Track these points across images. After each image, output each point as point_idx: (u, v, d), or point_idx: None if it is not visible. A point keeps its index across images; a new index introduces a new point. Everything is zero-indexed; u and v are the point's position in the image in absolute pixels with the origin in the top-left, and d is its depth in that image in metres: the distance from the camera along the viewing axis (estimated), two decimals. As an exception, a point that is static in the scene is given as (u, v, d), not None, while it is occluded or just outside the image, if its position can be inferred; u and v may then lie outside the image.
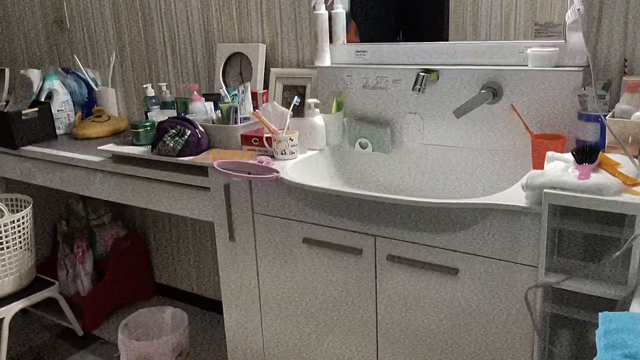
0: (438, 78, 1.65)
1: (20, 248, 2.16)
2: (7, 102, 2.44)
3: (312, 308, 1.61)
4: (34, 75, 2.38)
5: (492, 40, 1.61)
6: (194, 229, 2.47)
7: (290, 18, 1.96)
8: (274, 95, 1.98)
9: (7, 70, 2.72)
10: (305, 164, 1.66)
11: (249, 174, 1.59)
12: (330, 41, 1.83)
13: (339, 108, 1.77)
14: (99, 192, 2.06)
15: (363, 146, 1.75)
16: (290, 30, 1.97)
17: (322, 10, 1.78)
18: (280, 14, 1.98)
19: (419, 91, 1.57)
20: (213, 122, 1.86)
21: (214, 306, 2.50)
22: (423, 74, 1.58)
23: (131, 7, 2.32)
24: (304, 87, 1.95)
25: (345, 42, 1.84)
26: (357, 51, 1.82)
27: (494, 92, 1.55)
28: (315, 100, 1.73)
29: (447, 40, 1.69)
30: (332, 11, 1.81)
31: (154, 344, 1.88)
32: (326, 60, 1.84)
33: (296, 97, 1.74)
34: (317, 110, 1.73)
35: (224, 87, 1.99)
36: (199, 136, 1.76)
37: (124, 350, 1.92)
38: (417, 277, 1.38)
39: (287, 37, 1.98)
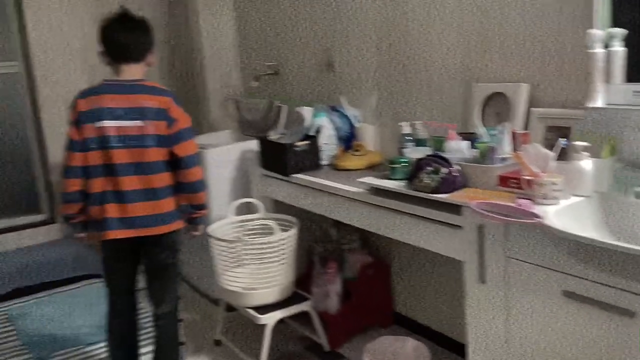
0: None
1: (285, 263, 2.45)
2: (283, 134, 2.81)
3: (568, 367, 1.49)
4: (307, 112, 2.71)
5: None
6: (437, 265, 2.49)
7: (555, 57, 1.88)
8: (535, 137, 1.90)
9: (284, 107, 3.15)
10: (569, 211, 1.56)
11: (506, 216, 1.55)
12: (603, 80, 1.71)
13: (612, 152, 1.63)
14: (354, 219, 2.23)
15: (639, 196, 1.57)
16: (555, 69, 1.89)
17: (598, 49, 1.67)
18: (545, 52, 1.91)
19: None
20: (468, 161, 1.87)
21: (450, 345, 2.48)
22: None
23: (393, 50, 2.48)
24: (568, 129, 1.84)
25: (624, 81, 1.69)
26: (636, 91, 1.66)
27: None
28: (583, 143, 1.62)
29: None
30: (609, 49, 1.69)
31: (395, 373, 1.94)
32: (598, 101, 1.71)
33: (562, 139, 1.65)
34: (585, 153, 1.61)
35: (481, 127, 1.99)
36: (455, 174, 1.79)
37: (366, 373, 2.02)
38: None
39: (552, 76, 1.90)
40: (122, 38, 2.04)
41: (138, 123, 2.00)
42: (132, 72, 2.06)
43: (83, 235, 2.17)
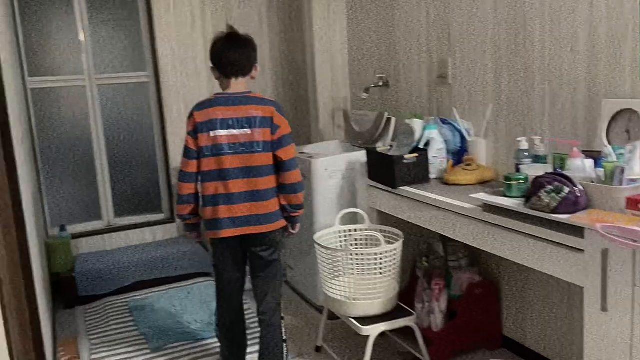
0: None
1: (389, 276, 2.44)
2: (391, 146, 2.81)
3: None
4: (417, 124, 2.68)
5: None
6: (551, 288, 2.36)
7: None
8: (671, 157, 1.75)
9: (393, 119, 3.14)
10: None
11: (634, 242, 1.44)
12: None
13: None
14: (463, 236, 2.17)
15: None
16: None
17: None
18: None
19: None
20: (592, 181, 1.76)
21: (563, 375, 2.33)
22: None
23: (514, 62, 2.39)
24: None
25: None
26: None
27: None
28: None
29: None
30: None
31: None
32: None
33: None
34: None
35: (608, 145, 1.86)
36: (578, 195, 1.69)
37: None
38: None
39: (694, 91, 1.74)
40: (232, 56, 2.23)
41: (247, 131, 2.19)
42: (239, 85, 2.26)
43: (195, 234, 2.39)
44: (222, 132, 2.18)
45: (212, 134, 2.19)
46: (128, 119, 3.98)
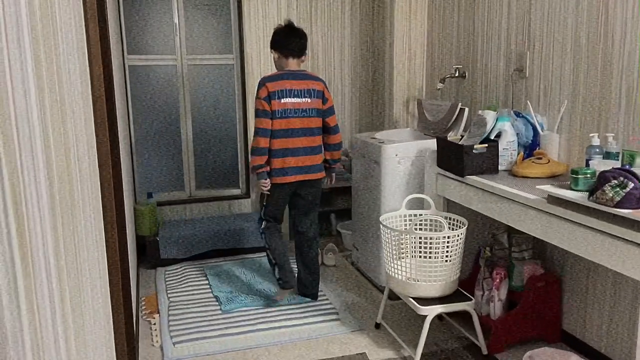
0: None
1: (450, 261, 2.51)
2: (462, 136, 2.85)
3: None
4: (490, 115, 2.71)
5: None
6: (615, 284, 2.35)
7: None
8: None
9: (466, 110, 3.18)
10: None
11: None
12: None
13: None
14: (529, 227, 2.20)
15: None
16: None
17: None
18: None
19: None
20: (662, 179, 1.75)
21: (622, 374, 2.32)
22: None
23: (592, 59, 2.38)
24: None
25: None
26: None
27: None
28: None
29: None
30: None
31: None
32: None
33: None
34: None
35: (682, 144, 1.85)
36: (643, 191, 1.70)
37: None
38: None
39: None
40: (294, 41, 2.93)
41: (307, 100, 2.91)
42: (295, 64, 2.96)
43: (268, 181, 2.93)
44: (289, 100, 2.86)
45: (282, 100, 2.85)
46: (213, 98, 4.24)
